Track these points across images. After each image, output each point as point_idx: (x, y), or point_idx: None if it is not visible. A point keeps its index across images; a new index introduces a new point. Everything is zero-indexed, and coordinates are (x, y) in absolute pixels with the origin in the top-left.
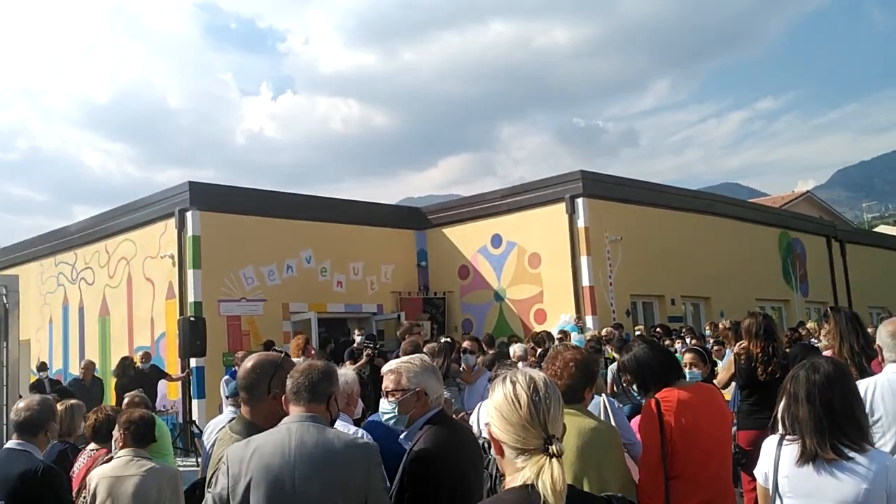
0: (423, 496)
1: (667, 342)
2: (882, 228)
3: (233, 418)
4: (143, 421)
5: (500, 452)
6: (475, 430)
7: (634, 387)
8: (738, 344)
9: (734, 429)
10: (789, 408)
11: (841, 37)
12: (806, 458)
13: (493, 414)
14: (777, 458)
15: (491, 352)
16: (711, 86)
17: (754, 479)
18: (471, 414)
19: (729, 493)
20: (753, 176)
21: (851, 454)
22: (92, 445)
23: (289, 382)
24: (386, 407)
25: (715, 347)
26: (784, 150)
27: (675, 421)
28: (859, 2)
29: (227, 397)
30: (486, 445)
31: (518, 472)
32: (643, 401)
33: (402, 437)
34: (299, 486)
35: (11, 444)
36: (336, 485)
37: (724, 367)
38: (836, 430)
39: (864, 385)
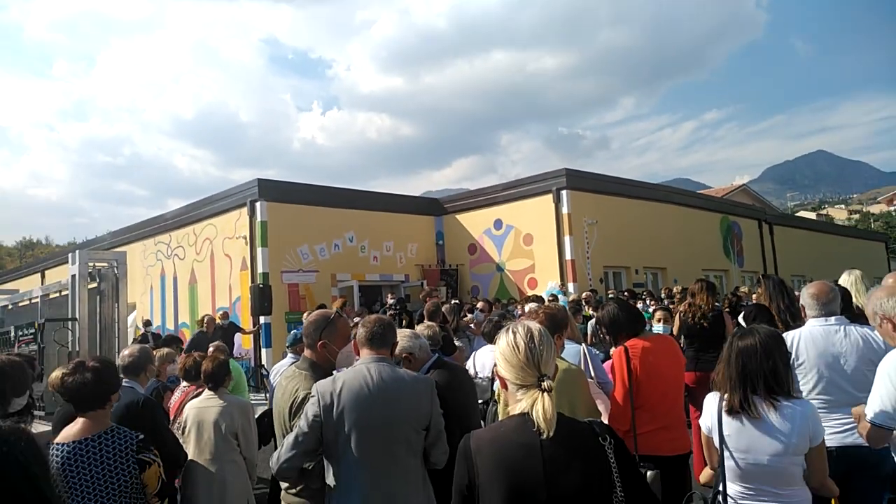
0: None
1: (632, 303)
2: (802, 213)
3: (293, 361)
4: (219, 366)
5: (505, 387)
6: (472, 371)
7: (608, 337)
8: (682, 303)
9: None
10: (723, 370)
11: (771, 61)
12: (734, 413)
13: (498, 357)
14: (719, 415)
15: (496, 310)
16: (668, 101)
17: (698, 410)
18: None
19: (681, 421)
20: (700, 172)
21: (776, 410)
22: (184, 383)
23: (362, 330)
24: None
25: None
26: (725, 152)
27: (640, 364)
28: (785, 34)
29: (287, 346)
30: (484, 383)
31: (517, 403)
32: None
33: None
34: (383, 411)
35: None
36: (410, 411)
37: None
38: (758, 388)
39: (790, 336)
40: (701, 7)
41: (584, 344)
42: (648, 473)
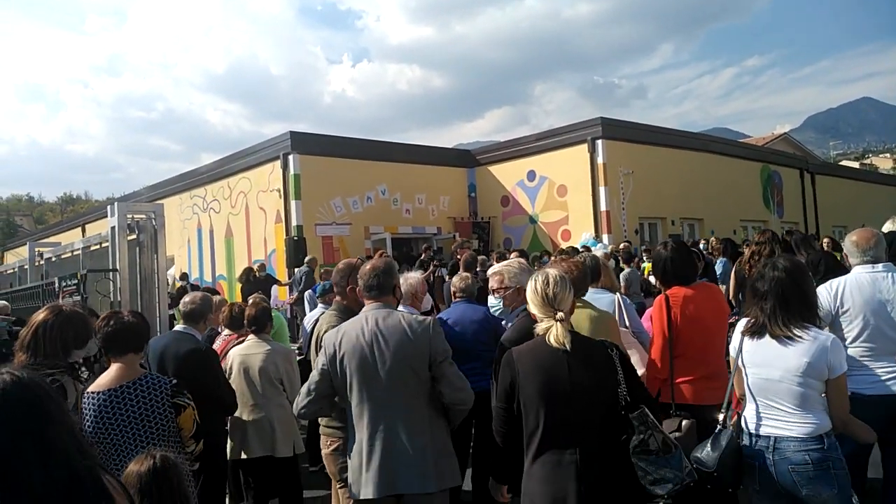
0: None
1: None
2: (845, 163)
3: (323, 311)
4: (262, 311)
5: (535, 319)
6: None
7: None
8: (748, 249)
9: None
10: (754, 296)
11: (816, 3)
12: (757, 334)
13: (528, 296)
14: (742, 335)
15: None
16: (708, 47)
17: None
18: None
19: (722, 371)
20: (740, 121)
21: (796, 333)
22: (226, 331)
23: (360, 282)
24: (493, 302)
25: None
26: (766, 99)
27: (681, 312)
28: None
29: (318, 296)
30: None
31: (540, 328)
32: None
33: (504, 322)
34: (378, 355)
35: (180, 328)
36: (405, 352)
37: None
38: (785, 314)
39: (836, 283)
40: None
41: (618, 294)
42: (683, 423)
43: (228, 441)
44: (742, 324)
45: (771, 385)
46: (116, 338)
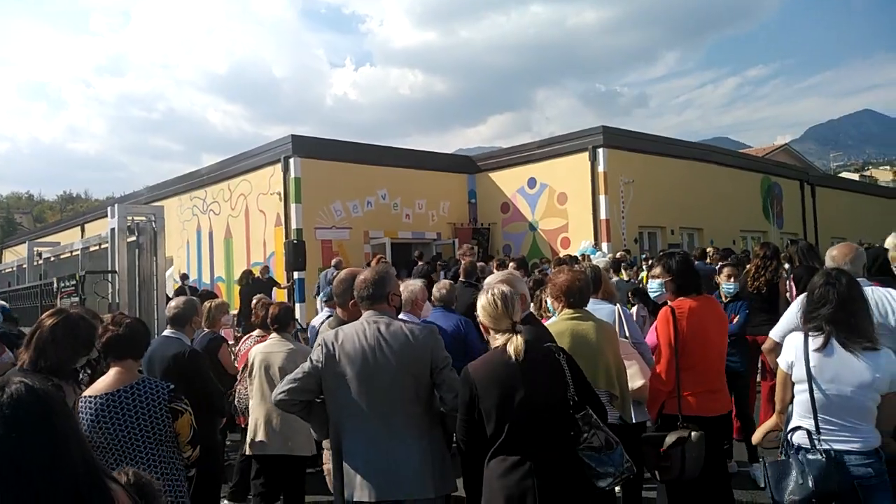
0: None
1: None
2: (845, 174)
3: (329, 315)
4: (285, 310)
5: (487, 332)
6: None
7: (669, 289)
8: (752, 263)
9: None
10: (816, 309)
11: (823, 15)
12: (830, 349)
13: (480, 312)
14: (806, 349)
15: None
16: (712, 56)
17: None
18: None
19: (723, 382)
20: (741, 131)
21: (863, 348)
22: (257, 332)
23: (354, 293)
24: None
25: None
26: (768, 110)
27: (687, 325)
28: None
29: (323, 301)
30: None
31: (496, 341)
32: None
33: None
34: (381, 359)
35: (167, 332)
36: (408, 357)
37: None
38: (861, 328)
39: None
40: None
41: (618, 304)
42: (693, 434)
43: (247, 436)
44: (798, 336)
45: (842, 401)
46: (118, 343)
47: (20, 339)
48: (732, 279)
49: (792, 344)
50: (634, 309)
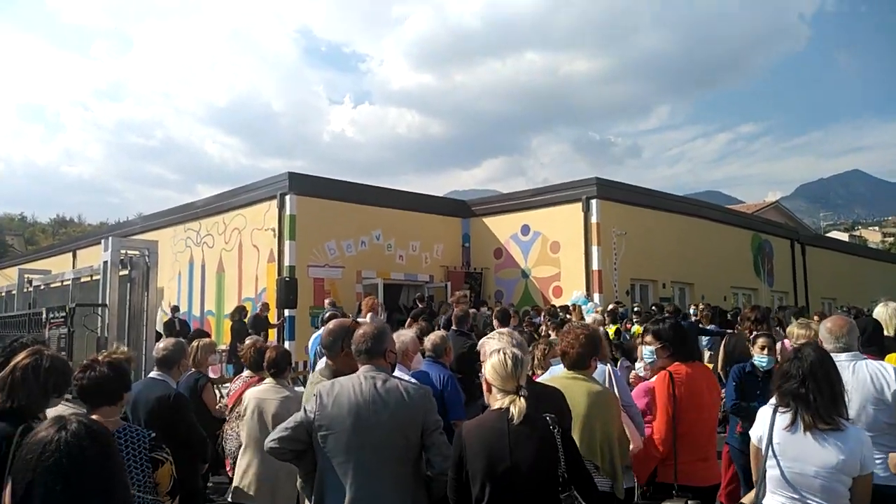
0: None
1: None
2: (834, 234)
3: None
4: (282, 355)
5: (489, 391)
6: None
7: (661, 356)
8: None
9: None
10: (785, 384)
11: (812, 76)
12: (795, 427)
13: (489, 369)
14: (772, 425)
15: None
16: (703, 112)
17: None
18: None
19: (714, 451)
20: (733, 186)
21: (831, 428)
22: (246, 373)
23: (352, 346)
24: None
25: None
26: (758, 166)
27: (685, 391)
28: (828, 48)
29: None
30: None
31: (497, 402)
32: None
33: None
34: (375, 417)
35: (153, 374)
36: (401, 417)
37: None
38: (823, 407)
39: None
40: (743, 15)
41: (609, 364)
42: (690, 503)
43: (234, 479)
44: (769, 409)
45: (805, 480)
46: (89, 390)
47: None
48: (766, 351)
49: (761, 417)
50: (618, 364)
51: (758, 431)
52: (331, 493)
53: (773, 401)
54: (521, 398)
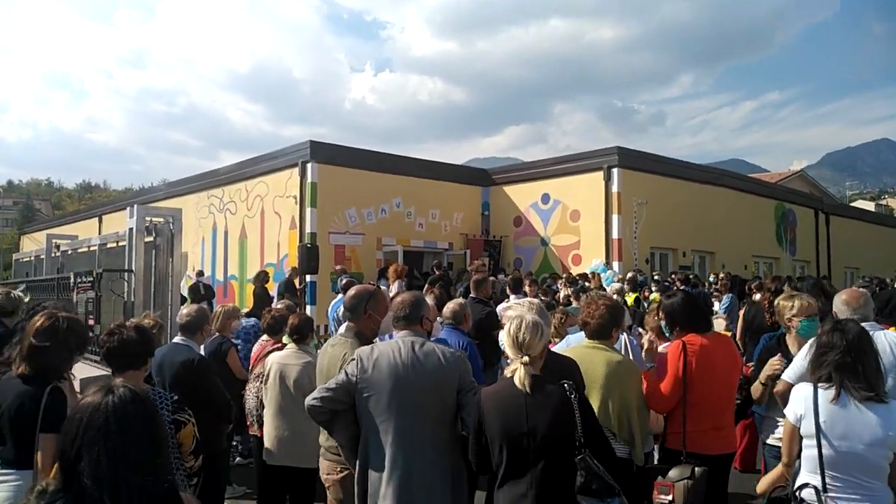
0: None
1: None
2: (859, 203)
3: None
4: (305, 321)
5: (508, 357)
6: None
7: (674, 329)
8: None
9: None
10: (826, 354)
11: (842, 44)
12: (843, 400)
13: (504, 336)
14: (815, 402)
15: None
16: (727, 80)
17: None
18: None
19: (731, 421)
20: (757, 154)
21: (876, 402)
22: (264, 336)
23: (391, 314)
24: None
25: (714, 294)
26: (784, 134)
27: (696, 361)
28: (861, 15)
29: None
30: None
31: (509, 369)
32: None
33: None
34: (412, 378)
35: (177, 339)
36: (438, 379)
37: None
38: (873, 376)
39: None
40: None
41: (625, 334)
42: (696, 470)
43: (264, 441)
44: (808, 387)
45: (853, 458)
46: (115, 354)
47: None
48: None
49: (801, 395)
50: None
51: (796, 409)
52: (374, 452)
53: (804, 377)
54: (524, 366)
